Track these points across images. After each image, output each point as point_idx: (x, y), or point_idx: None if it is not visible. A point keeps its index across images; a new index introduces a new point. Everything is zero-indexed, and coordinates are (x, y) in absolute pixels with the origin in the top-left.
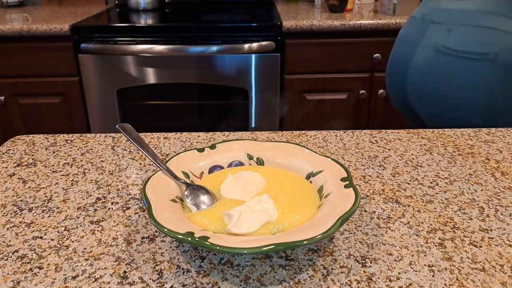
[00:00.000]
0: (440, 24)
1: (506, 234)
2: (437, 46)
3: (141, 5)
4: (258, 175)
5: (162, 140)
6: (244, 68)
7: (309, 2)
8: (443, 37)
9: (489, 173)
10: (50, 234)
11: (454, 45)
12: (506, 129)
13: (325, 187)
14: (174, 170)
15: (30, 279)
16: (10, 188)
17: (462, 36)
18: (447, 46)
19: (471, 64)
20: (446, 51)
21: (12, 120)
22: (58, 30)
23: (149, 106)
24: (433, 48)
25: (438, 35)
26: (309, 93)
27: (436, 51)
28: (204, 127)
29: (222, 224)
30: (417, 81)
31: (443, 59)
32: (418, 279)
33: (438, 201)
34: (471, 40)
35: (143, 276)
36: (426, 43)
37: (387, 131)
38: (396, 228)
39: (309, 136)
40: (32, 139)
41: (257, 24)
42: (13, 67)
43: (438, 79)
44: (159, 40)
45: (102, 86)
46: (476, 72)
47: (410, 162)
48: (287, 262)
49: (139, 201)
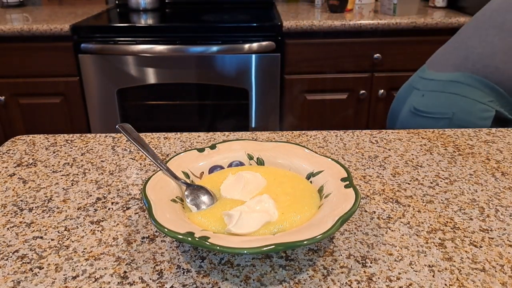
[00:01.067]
0: (419, 90)
1: (507, 234)
2: (411, 108)
3: (141, 5)
4: (258, 175)
5: (162, 140)
6: (244, 68)
7: (309, 2)
8: (417, 101)
9: (490, 173)
10: (50, 234)
11: (422, 107)
12: (506, 129)
13: (325, 187)
14: (174, 170)
15: (30, 279)
16: (11, 188)
17: (430, 100)
18: (417, 108)
19: (434, 123)
20: (417, 112)
21: (12, 120)
22: (58, 30)
23: (149, 106)
24: (409, 109)
25: (415, 99)
26: (309, 93)
27: (411, 112)
28: (204, 127)
29: (222, 224)
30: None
31: (414, 118)
32: (418, 279)
33: (438, 201)
34: (435, 104)
35: (143, 276)
36: (407, 104)
37: (387, 131)
38: (396, 228)
39: (309, 136)
40: (32, 139)
41: (257, 24)
42: (13, 67)
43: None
44: (160, 40)
45: (102, 86)
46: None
47: (410, 162)
48: (287, 262)
49: (139, 201)
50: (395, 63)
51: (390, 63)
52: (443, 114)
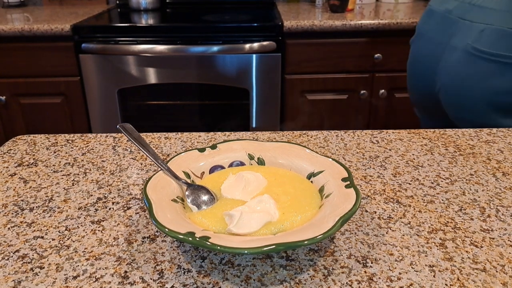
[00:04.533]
0: (472, 22)
1: (507, 235)
2: (468, 48)
3: (142, 5)
4: (259, 175)
5: (163, 140)
6: (245, 68)
7: (310, 2)
8: (474, 38)
9: (490, 173)
10: (51, 234)
11: (488, 48)
12: (507, 129)
13: (326, 187)
14: (175, 170)
15: (31, 278)
16: (11, 188)
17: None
18: (479, 48)
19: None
20: (480, 54)
21: (13, 120)
22: (59, 30)
23: (150, 106)
24: (464, 50)
25: (468, 35)
26: (310, 93)
27: (468, 53)
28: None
29: (223, 224)
30: (449, 84)
31: (475, 63)
32: (419, 279)
33: (439, 201)
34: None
35: (144, 276)
36: (456, 43)
37: (388, 131)
38: (397, 228)
39: (310, 136)
40: (33, 139)
41: (258, 24)
42: (14, 67)
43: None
44: (160, 40)
45: (103, 86)
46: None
47: (411, 162)
48: (288, 262)
49: (140, 201)
50: (395, 63)
51: (390, 63)
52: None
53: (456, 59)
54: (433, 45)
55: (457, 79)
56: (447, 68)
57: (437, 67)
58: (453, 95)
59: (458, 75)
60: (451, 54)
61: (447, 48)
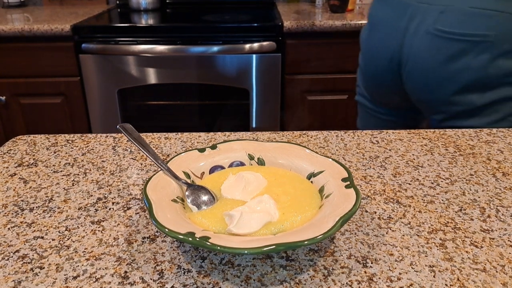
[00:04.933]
0: (431, 5)
1: (507, 235)
2: (430, 29)
3: (142, 5)
4: (259, 175)
5: (163, 140)
6: (245, 68)
7: (310, 2)
8: (434, 19)
9: (490, 173)
10: (51, 234)
11: (450, 28)
12: (507, 129)
13: (326, 188)
14: (175, 170)
15: (31, 279)
16: (11, 188)
17: (457, 18)
18: (441, 29)
19: (469, 46)
20: (442, 34)
21: (13, 120)
22: (59, 30)
23: (150, 106)
24: (426, 32)
25: (428, 18)
26: (310, 93)
27: (429, 34)
28: (205, 127)
29: (223, 224)
30: (414, 68)
31: (437, 42)
32: (419, 279)
33: (439, 202)
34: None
35: (144, 276)
36: (416, 27)
37: (388, 131)
38: (397, 229)
39: (310, 136)
40: (33, 139)
41: (258, 24)
42: (14, 67)
43: (437, 63)
44: (160, 40)
45: (103, 86)
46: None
47: (411, 163)
48: (288, 263)
49: (140, 201)
50: None
51: None
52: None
53: (419, 43)
54: (392, 32)
55: (422, 62)
56: (411, 52)
57: (401, 53)
58: (419, 78)
59: (423, 57)
60: (413, 38)
61: (408, 33)
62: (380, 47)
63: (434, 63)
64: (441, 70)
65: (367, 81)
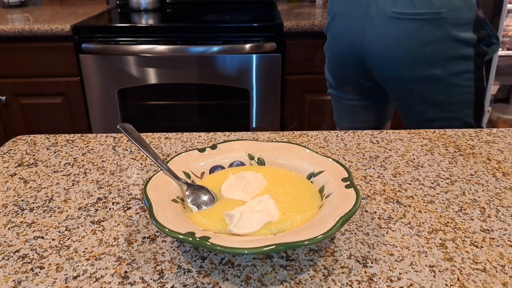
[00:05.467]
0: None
1: (507, 235)
2: (388, 13)
3: (142, 5)
4: (259, 175)
5: (163, 140)
6: (245, 68)
7: (310, 2)
8: (390, 4)
9: (490, 173)
10: (51, 234)
11: (405, 9)
12: (507, 129)
13: (326, 187)
14: (175, 170)
15: (31, 279)
16: (11, 188)
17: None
18: (397, 11)
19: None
20: (400, 16)
21: (14, 120)
22: (59, 30)
23: (150, 106)
24: (386, 16)
25: (384, 2)
26: (310, 93)
27: (390, 18)
28: (205, 127)
29: (223, 224)
30: (378, 50)
31: (396, 24)
32: (419, 279)
33: (439, 202)
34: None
35: (144, 276)
36: (375, 13)
37: (388, 131)
38: (397, 229)
39: (310, 136)
40: (33, 139)
41: (258, 24)
42: (14, 67)
43: (400, 43)
44: (160, 40)
45: (103, 86)
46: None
47: (411, 163)
48: (288, 263)
49: (140, 201)
50: None
51: None
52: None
53: (379, 26)
54: (353, 21)
55: (384, 43)
56: (373, 36)
57: (363, 39)
58: (383, 60)
59: (385, 39)
60: (373, 23)
61: (368, 19)
62: (341, 37)
63: (395, 43)
64: (401, 48)
65: (334, 70)
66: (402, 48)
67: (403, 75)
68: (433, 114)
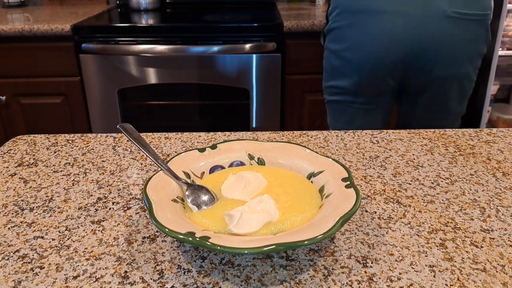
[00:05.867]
0: None
1: (507, 235)
2: (448, 13)
3: (142, 5)
4: (259, 175)
5: (163, 140)
6: (245, 68)
7: (310, 2)
8: (449, 3)
9: (490, 173)
10: (51, 234)
11: (462, 9)
12: (507, 129)
13: (326, 187)
14: (175, 170)
15: (31, 278)
16: (11, 188)
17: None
18: (457, 11)
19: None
20: (459, 16)
21: (14, 120)
22: (60, 30)
23: (150, 106)
24: (445, 16)
25: (443, 2)
26: (310, 93)
27: (448, 17)
28: (205, 127)
29: (223, 224)
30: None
31: (455, 24)
32: (419, 279)
33: (439, 202)
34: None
35: (144, 276)
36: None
37: (388, 131)
38: (397, 229)
39: (310, 136)
40: (33, 139)
41: (258, 24)
42: (14, 67)
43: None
44: (160, 40)
45: (103, 86)
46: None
47: (411, 162)
48: (288, 262)
49: (140, 201)
50: None
51: None
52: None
53: (439, 25)
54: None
55: (444, 41)
56: (432, 34)
57: (420, 37)
58: (440, 57)
59: (446, 37)
60: (432, 21)
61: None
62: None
63: (457, 42)
64: (462, 48)
65: (360, 72)
66: (459, 46)
67: (455, 72)
68: (457, 107)
